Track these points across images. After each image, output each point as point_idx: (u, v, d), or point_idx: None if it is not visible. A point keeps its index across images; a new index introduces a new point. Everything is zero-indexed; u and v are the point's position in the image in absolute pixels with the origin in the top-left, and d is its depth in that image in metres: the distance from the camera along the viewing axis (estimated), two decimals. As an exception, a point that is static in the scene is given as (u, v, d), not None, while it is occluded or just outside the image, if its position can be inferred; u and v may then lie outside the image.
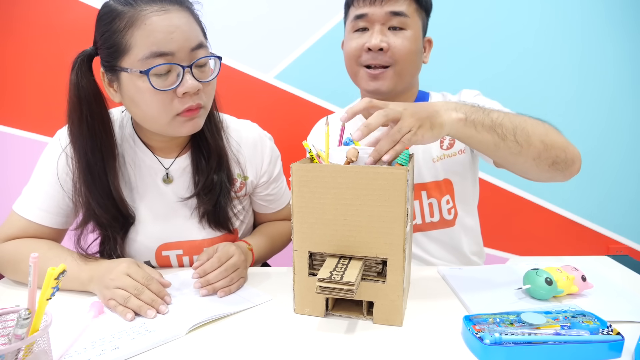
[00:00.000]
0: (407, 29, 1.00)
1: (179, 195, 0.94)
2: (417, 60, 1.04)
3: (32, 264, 0.51)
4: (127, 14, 0.76)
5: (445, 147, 1.08)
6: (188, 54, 0.79)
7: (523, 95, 1.75)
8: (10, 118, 1.72)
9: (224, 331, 0.71)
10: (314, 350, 0.65)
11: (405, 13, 0.99)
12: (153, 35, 0.75)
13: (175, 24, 0.77)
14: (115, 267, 0.79)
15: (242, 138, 1.00)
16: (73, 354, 0.63)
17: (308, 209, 0.71)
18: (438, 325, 0.71)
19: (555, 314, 0.67)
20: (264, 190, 1.04)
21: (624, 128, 1.81)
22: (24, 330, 0.51)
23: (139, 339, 0.67)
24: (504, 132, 0.80)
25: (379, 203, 0.67)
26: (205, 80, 0.82)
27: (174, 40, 0.77)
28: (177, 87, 0.78)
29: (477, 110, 0.80)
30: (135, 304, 0.74)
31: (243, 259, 0.88)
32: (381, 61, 1.00)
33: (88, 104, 0.83)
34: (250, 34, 1.69)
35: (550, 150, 0.82)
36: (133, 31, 0.76)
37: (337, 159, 0.73)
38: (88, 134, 0.84)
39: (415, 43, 1.01)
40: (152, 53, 0.76)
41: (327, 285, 0.64)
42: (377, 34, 0.99)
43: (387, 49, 0.99)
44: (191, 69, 0.79)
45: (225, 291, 0.82)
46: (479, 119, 0.79)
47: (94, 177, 0.86)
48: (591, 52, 1.74)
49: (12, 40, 1.66)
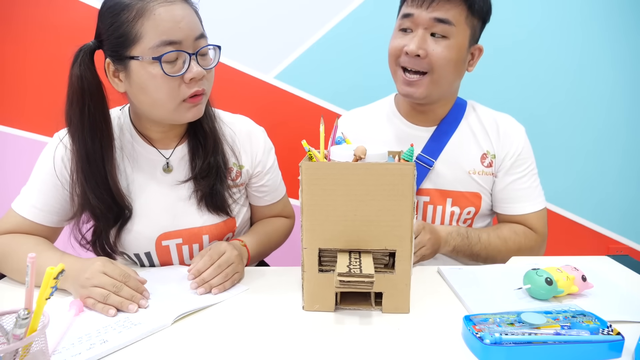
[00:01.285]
0: (450, 37, 0.98)
1: (177, 180, 0.96)
2: (456, 70, 1.02)
3: (29, 264, 0.51)
4: (136, 6, 0.80)
5: (486, 165, 1.10)
6: (193, 43, 0.83)
7: (523, 95, 1.74)
8: (10, 118, 1.72)
9: (227, 327, 0.71)
10: (328, 344, 0.67)
11: (451, 21, 0.96)
12: (162, 24, 0.80)
13: (181, 15, 0.82)
14: (90, 266, 0.79)
15: (236, 129, 1.03)
16: (62, 350, 0.64)
17: (318, 206, 0.73)
18: (438, 325, 0.71)
19: (555, 314, 0.67)
20: (259, 181, 1.06)
21: (624, 128, 1.80)
22: (23, 330, 0.51)
23: (126, 332, 0.69)
24: (477, 259, 1.06)
25: (388, 197, 0.71)
26: (207, 68, 0.87)
27: (181, 29, 0.81)
28: (185, 72, 0.83)
29: (463, 245, 1.04)
30: (116, 300, 0.75)
31: (236, 253, 0.89)
32: (418, 66, 0.99)
33: (91, 95, 0.85)
34: (251, 34, 1.69)
35: (506, 258, 1.02)
36: (143, 21, 0.80)
37: (339, 157, 0.74)
38: (89, 124, 0.86)
39: (457, 52, 0.99)
40: (162, 42, 0.80)
41: (347, 279, 0.67)
42: (417, 39, 0.98)
43: (424, 55, 0.98)
44: (196, 56, 0.84)
45: (219, 288, 0.83)
46: (461, 251, 1.04)
47: (92, 166, 0.88)
48: (590, 51, 1.74)
49: (12, 40, 1.66)
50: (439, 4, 0.96)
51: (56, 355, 0.63)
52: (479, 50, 1.06)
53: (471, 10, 0.98)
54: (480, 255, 1.04)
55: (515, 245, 1.06)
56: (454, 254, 1.05)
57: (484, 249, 1.04)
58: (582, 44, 1.73)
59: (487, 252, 1.04)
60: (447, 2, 0.96)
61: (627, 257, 0.99)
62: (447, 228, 1.04)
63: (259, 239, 1.04)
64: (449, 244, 1.02)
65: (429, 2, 0.97)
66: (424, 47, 0.97)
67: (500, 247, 1.05)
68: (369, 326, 0.72)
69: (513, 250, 1.05)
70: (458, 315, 0.70)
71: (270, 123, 1.16)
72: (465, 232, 1.04)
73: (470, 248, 1.03)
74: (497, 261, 1.00)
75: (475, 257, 1.05)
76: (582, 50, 1.74)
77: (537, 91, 1.76)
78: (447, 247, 1.02)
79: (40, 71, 1.66)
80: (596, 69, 1.75)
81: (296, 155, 0.99)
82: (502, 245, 1.05)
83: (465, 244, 1.03)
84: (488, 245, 1.04)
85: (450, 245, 1.02)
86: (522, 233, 1.07)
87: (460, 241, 1.03)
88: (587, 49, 1.74)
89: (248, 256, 0.97)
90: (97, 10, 0.85)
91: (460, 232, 1.03)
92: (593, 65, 1.75)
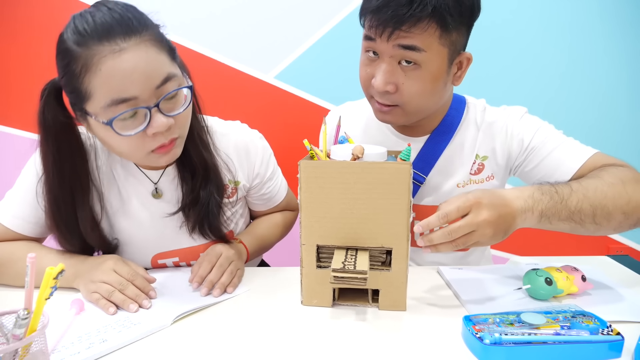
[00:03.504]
0: (422, 65, 0.81)
1: (166, 211, 0.89)
2: (436, 96, 0.88)
3: (29, 264, 0.51)
4: (81, 58, 0.68)
5: (473, 172, 0.97)
6: (153, 93, 0.71)
7: (521, 95, 1.74)
8: (11, 119, 1.72)
9: (226, 326, 0.71)
10: (326, 338, 0.68)
11: (420, 47, 0.79)
12: (110, 81, 0.68)
13: (133, 66, 0.68)
14: (101, 264, 0.79)
15: (231, 143, 0.94)
16: (61, 349, 0.64)
17: (316, 204, 0.74)
18: (438, 325, 0.71)
19: (555, 314, 0.67)
20: (258, 191, 1.02)
21: (624, 127, 1.80)
22: (22, 330, 0.51)
23: (125, 332, 0.69)
24: (582, 218, 0.74)
25: (384, 196, 0.71)
26: (176, 113, 0.74)
27: (134, 83, 0.69)
28: (146, 128, 0.72)
29: (554, 204, 0.73)
30: (119, 298, 0.75)
31: (233, 251, 0.88)
32: (388, 101, 0.86)
33: (55, 140, 0.77)
34: (251, 33, 1.69)
35: (632, 217, 0.77)
36: (90, 78, 0.68)
37: (340, 156, 0.75)
38: (55, 169, 0.79)
39: (432, 81, 0.84)
40: (113, 101, 0.69)
41: (341, 275, 0.68)
42: (382, 73, 0.83)
43: (393, 90, 0.84)
44: (159, 107, 0.71)
45: (232, 285, 0.83)
46: (555, 213, 0.73)
47: (62, 212, 0.82)
48: (590, 51, 1.74)
49: (16, 41, 1.66)
50: (401, 32, 0.78)
51: (55, 354, 0.63)
52: (466, 60, 0.88)
53: (445, 28, 0.79)
54: (584, 210, 0.74)
55: (616, 179, 0.78)
56: (545, 221, 0.74)
57: (584, 199, 0.74)
58: (577, 42, 1.73)
59: (591, 201, 0.75)
60: (411, 28, 0.78)
61: (627, 257, 0.99)
62: (518, 190, 0.74)
63: (257, 235, 1.02)
64: (533, 210, 0.72)
65: (388, 31, 0.79)
66: (392, 81, 0.83)
67: (603, 187, 0.76)
68: (365, 323, 0.73)
69: (618, 186, 0.77)
70: (458, 315, 0.70)
71: (270, 123, 1.16)
72: (552, 187, 0.76)
73: (567, 204, 0.74)
74: (612, 215, 0.75)
75: (577, 215, 0.74)
76: (582, 49, 1.74)
77: (530, 90, 1.76)
78: (528, 217, 0.72)
79: (43, 72, 1.65)
80: (595, 68, 1.75)
81: (295, 155, 0.99)
82: (601, 183, 0.77)
83: (556, 201, 0.74)
84: (586, 191, 0.75)
85: (535, 211, 0.72)
86: (608, 168, 0.82)
87: (548, 201, 0.73)
88: (583, 47, 1.74)
89: (247, 254, 0.96)
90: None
91: (544, 189, 0.75)
92: (591, 65, 1.75)
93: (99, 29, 0.68)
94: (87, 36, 0.68)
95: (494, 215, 0.69)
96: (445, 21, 0.78)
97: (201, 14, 1.66)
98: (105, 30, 0.68)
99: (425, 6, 0.77)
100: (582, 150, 0.90)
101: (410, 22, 0.78)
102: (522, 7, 1.70)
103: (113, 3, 0.72)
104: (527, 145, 0.93)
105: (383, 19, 0.78)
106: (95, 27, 0.68)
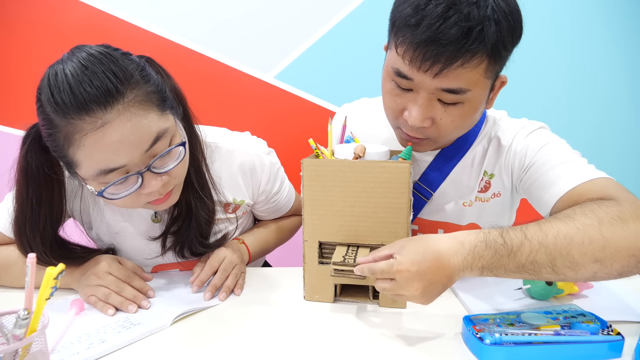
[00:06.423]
0: (465, 102, 0.74)
1: (152, 236, 0.87)
2: (470, 126, 0.82)
3: (29, 264, 0.51)
4: (62, 130, 0.65)
5: (480, 189, 0.91)
6: (142, 157, 0.68)
7: (521, 95, 1.74)
8: (11, 119, 1.72)
9: (227, 323, 0.71)
10: (327, 332, 0.70)
11: (466, 89, 0.71)
12: (95, 156, 0.65)
13: (118, 139, 0.64)
14: (95, 265, 0.79)
15: (237, 161, 0.91)
16: (60, 349, 0.64)
17: (318, 201, 0.76)
18: (438, 325, 0.71)
19: (555, 314, 0.67)
20: (263, 205, 1.01)
21: (623, 127, 1.80)
22: (23, 330, 0.51)
23: (125, 332, 0.69)
24: (537, 269, 0.62)
25: (384, 194, 0.73)
26: (170, 168, 0.72)
27: (120, 155, 0.66)
28: (139, 188, 0.70)
29: (499, 258, 0.62)
30: (117, 300, 0.75)
31: (236, 255, 0.88)
32: (421, 134, 0.79)
33: (37, 188, 0.74)
34: (250, 34, 1.69)
35: (612, 266, 0.61)
36: (74, 150, 0.66)
37: (343, 155, 0.77)
38: (30, 210, 0.75)
39: (471, 115, 0.77)
40: (102, 171, 0.67)
41: (341, 268, 0.69)
42: (419, 109, 0.74)
43: (430, 125, 0.76)
44: (150, 168, 0.69)
45: (239, 287, 0.83)
46: (500, 267, 0.62)
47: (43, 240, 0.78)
48: (589, 50, 1.74)
49: (16, 41, 1.66)
50: (449, 72, 0.68)
51: (54, 354, 0.63)
52: (500, 83, 0.80)
53: (495, 57, 0.70)
54: (538, 261, 0.61)
55: (592, 219, 0.62)
56: (489, 274, 0.63)
57: (539, 248, 0.61)
58: (578, 44, 1.73)
59: (549, 250, 0.61)
60: (463, 64, 0.68)
61: (627, 257, 0.98)
62: (458, 243, 0.63)
63: (260, 237, 1.02)
64: (472, 267, 0.62)
65: (435, 70, 0.68)
66: (429, 116, 0.75)
67: (569, 230, 0.61)
68: (366, 319, 0.74)
69: (591, 228, 0.61)
70: (458, 315, 0.70)
71: (270, 123, 1.16)
72: (501, 236, 0.63)
73: (515, 257, 0.61)
74: (579, 264, 0.61)
75: (529, 267, 0.62)
76: (582, 49, 1.74)
77: (535, 91, 1.76)
78: (467, 274, 0.63)
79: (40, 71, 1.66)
80: (595, 69, 1.75)
81: (296, 155, 0.99)
82: (568, 226, 0.62)
83: (502, 254, 0.62)
84: (544, 238, 0.61)
85: (474, 268, 0.62)
86: (587, 205, 0.66)
87: (492, 255, 0.62)
88: (582, 49, 1.74)
89: (249, 255, 0.96)
90: (98, 10, 0.77)
91: (489, 241, 0.62)
92: (591, 65, 1.75)
93: (79, 101, 0.62)
94: (65, 109, 0.63)
95: (424, 285, 0.61)
96: (499, 55, 0.70)
97: (201, 14, 1.66)
98: (84, 104, 0.62)
99: (483, 41, 0.67)
100: (584, 173, 0.75)
101: (463, 59, 0.68)
102: (521, 7, 1.70)
103: (91, 58, 0.65)
104: (528, 161, 0.84)
105: (430, 55, 0.68)
106: (74, 99, 0.62)
